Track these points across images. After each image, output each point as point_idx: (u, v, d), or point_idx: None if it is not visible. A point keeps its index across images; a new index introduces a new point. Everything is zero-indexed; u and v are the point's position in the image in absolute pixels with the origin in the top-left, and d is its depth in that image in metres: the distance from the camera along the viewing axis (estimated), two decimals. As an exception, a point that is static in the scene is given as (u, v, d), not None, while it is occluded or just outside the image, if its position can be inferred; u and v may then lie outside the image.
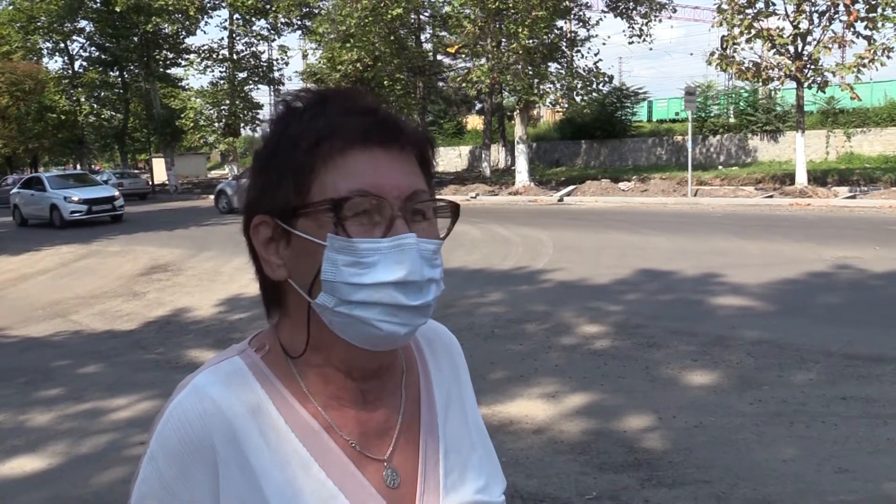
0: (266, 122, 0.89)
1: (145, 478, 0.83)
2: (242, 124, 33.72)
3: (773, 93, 26.16)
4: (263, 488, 0.81)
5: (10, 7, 37.99)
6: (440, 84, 35.71)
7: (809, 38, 16.85)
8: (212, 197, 25.27)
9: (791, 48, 16.92)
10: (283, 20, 33.29)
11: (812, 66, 16.81)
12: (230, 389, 0.84)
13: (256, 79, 35.45)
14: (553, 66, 25.56)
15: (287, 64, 37.93)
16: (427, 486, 0.90)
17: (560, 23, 25.39)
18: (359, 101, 0.86)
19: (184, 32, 35.89)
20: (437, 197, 0.87)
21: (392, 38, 26.40)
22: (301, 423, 0.85)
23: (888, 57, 16.00)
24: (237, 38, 34.06)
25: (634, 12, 25.14)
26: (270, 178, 0.84)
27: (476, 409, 1.04)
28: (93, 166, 50.96)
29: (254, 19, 33.54)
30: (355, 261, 0.79)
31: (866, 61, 16.10)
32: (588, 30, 26.56)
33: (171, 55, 39.46)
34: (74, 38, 40.12)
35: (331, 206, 0.79)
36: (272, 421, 0.84)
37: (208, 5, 33.58)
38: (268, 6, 31.85)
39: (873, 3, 15.82)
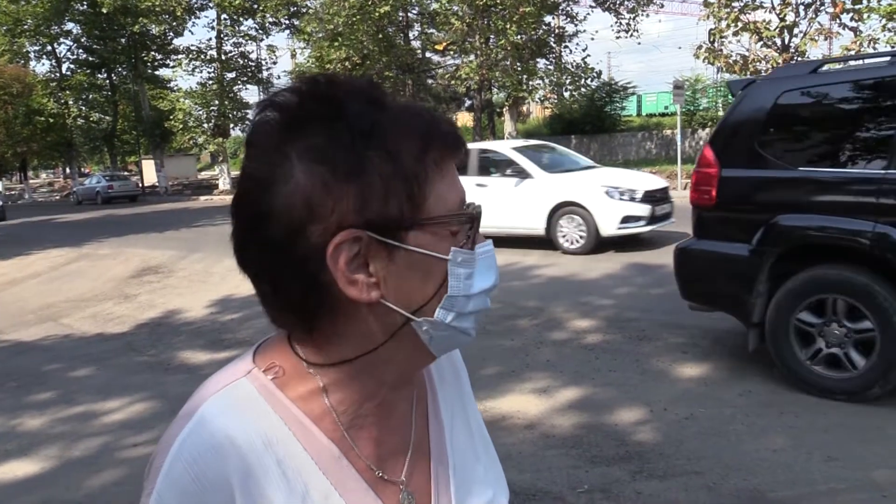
0: (307, 109, 0.74)
1: None
2: (232, 125, 33.61)
3: (761, 85, 26.25)
4: None
5: (-4, 11, 37.74)
6: (429, 81, 35.70)
7: (796, 31, 16.93)
8: (203, 198, 25.21)
9: (778, 40, 17.00)
10: (270, 19, 33.18)
11: (799, 58, 16.87)
12: (242, 418, 0.76)
13: (245, 79, 35.33)
14: (541, 62, 25.61)
15: (276, 63, 37.82)
16: None
17: (548, 18, 25.42)
18: (411, 103, 0.81)
19: (171, 33, 35.78)
20: (470, 202, 0.82)
21: (380, 36, 26.38)
22: (320, 450, 0.79)
23: (874, 48, 16.08)
24: (225, 38, 33.93)
25: (622, 7, 25.21)
26: (369, 189, 0.71)
27: (478, 414, 1.02)
28: (82, 169, 50.76)
29: (241, 19, 33.40)
30: (471, 272, 0.77)
31: (853, 53, 16.17)
32: (576, 25, 26.61)
33: (159, 56, 39.33)
34: (62, 40, 39.99)
35: (468, 219, 0.77)
36: (289, 450, 0.77)
37: (195, 6, 33.44)
38: (255, 6, 31.72)
39: (859, -6, 15.91)
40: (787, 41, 16.98)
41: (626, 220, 10.11)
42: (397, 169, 0.72)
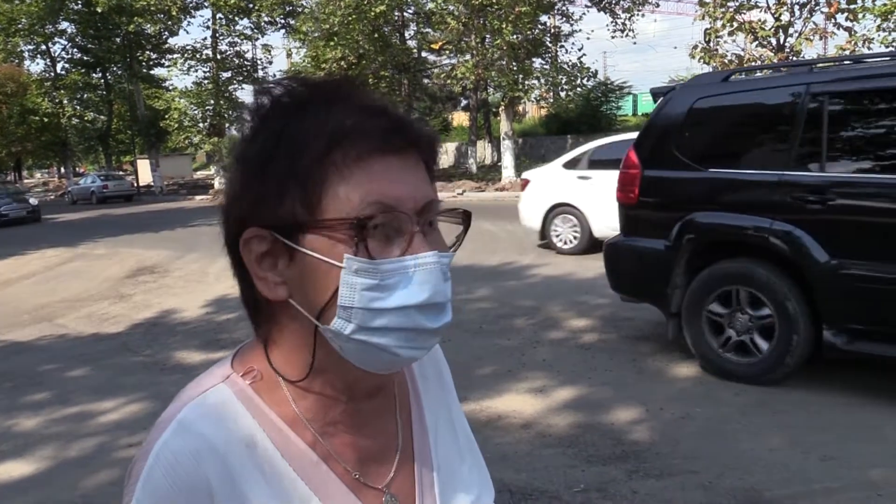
0: (249, 117, 0.77)
1: None
2: (227, 124, 33.54)
3: (756, 85, 26.27)
4: None
5: (-10, 10, 37.62)
6: (425, 81, 35.71)
7: (791, 30, 16.95)
8: (199, 198, 25.20)
9: (773, 40, 17.03)
10: (266, 19, 33.15)
11: (794, 58, 16.90)
12: (220, 423, 0.76)
13: (241, 78, 35.29)
14: (537, 62, 25.61)
15: (271, 63, 37.76)
16: None
17: (544, 18, 25.43)
18: (365, 98, 0.77)
19: (166, 33, 35.72)
20: (451, 207, 0.79)
21: (376, 35, 26.39)
22: (298, 455, 0.79)
23: (869, 48, 16.12)
24: (220, 37, 33.89)
25: (617, 7, 25.22)
26: (268, 187, 0.73)
27: (461, 415, 1.01)
28: (77, 168, 50.64)
29: (237, 18, 33.36)
30: (376, 283, 0.71)
31: (847, 52, 16.21)
32: (572, 25, 26.63)
33: (154, 56, 39.25)
34: (56, 39, 39.87)
35: (353, 226, 0.70)
36: (268, 454, 0.77)
37: (191, 5, 33.39)
38: (251, 5, 31.70)
39: (854, -6, 15.95)
40: (782, 41, 17.00)
41: None
42: (293, 169, 0.72)
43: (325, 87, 0.77)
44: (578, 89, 26.25)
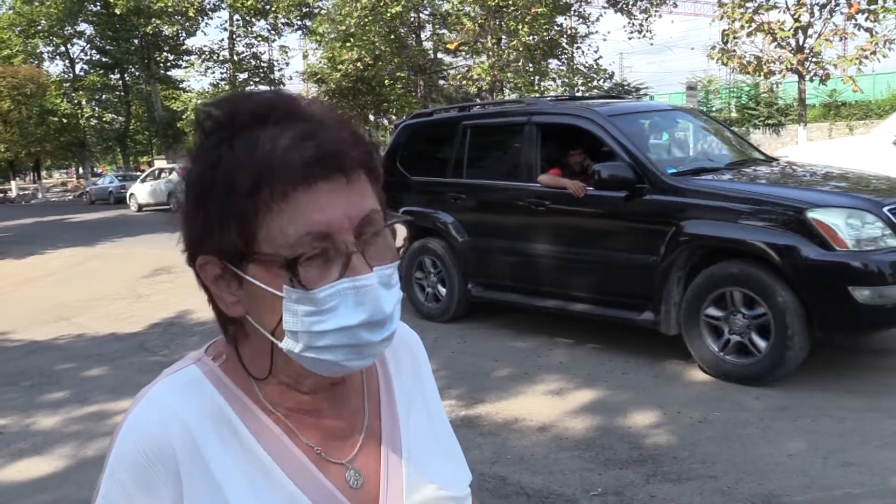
0: (192, 143, 0.82)
1: (106, 494, 0.80)
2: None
3: (774, 86, 26.09)
4: (227, 496, 0.80)
5: (10, 11, 38.05)
6: (441, 82, 35.66)
7: (810, 31, 16.78)
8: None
9: (792, 41, 16.87)
10: (283, 20, 33.29)
11: (814, 59, 16.75)
12: (188, 398, 0.83)
13: (257, 80, 35.44)
14: (553, 63, 25.54)
15: (288, 64, 38.06)
16: (390, 486, 0.90)
17: (560, 19, 25.37)
18: (294, 118, 0.79)
19: (184, 34, 35.97)
20: (393, 216, 0.83)
21: (392, 36, 26.39)
22: (262, 430, 0.84)
23: (890, 49, 15.94)
24: (237, 39, 34.07)
25: (634, 8, 25.11)
26: (210, 220, 0.77)
27: (438, 403, 1.04)
28: (95, 169, 51.06)
29: (254, 20, 33.55)
30: (315, 310, 0.75)
31: (868, 53, 16.04)
32: (588, 26, 26.52)
33: (171, 57, 39.57)
34: (75, 41, 40.29)
35: (284, 264, 0.75)
36: (233, 428, 0.83)
37: (208, 7, 33.62)
38: (267, 7, 31.85)
39: (874, -6, 15.78)
40: (801, 42, 16.85)
41: None
42: (228, 205, 0.75)
43: (258, 109, 0.79)
44: (595, 91, 26.17)
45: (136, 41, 37.39)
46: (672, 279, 5.11)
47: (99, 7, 36.72)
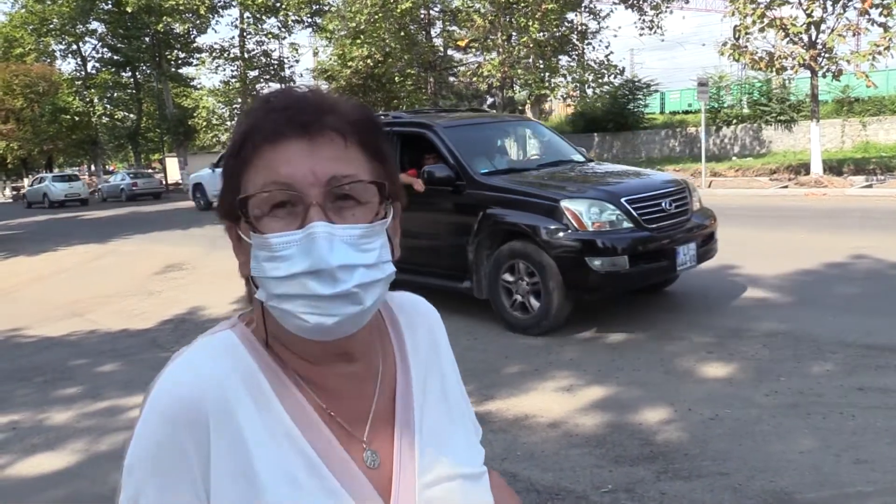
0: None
1: (139, 440, 0.85)
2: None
3: (786, 82, 25.93)
4: (254, 457, 0.83)
5: (23, 10, 38.27)
6: (451, 79, 35.66)
7: (823, 27, 16.68)
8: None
9: (804, 37, 16.77)
10: (293, 18, 33.38)
11: (826, 55, 16.65)
12: (224, 359, 0.87)
13: (268, 77, 35.59)
14: (564, 60, 25.49)
15: (298, 61, 38.11)
16: (403, 467, 0.92)
17: (570, 15, 25.32)
18: (287, 97, 0.87)
19: (195, 32, 36.07)
20: (368, 180, 0.85)
21: (402, 33, 26.40)
22: (289, 397, 0.87)
23: (903, 44, 15.81)
24: (248, 36, 34.19)
25: (645, 4, 25.01)
26: (223, 186, 0.89)
27: (456, 380, 1.07)
28: (107, 166, 51.33)
29: (264, 17, 33.63)
30: (271, 255, 0.81)
31: (881, 49, 15.93)
32: (599, 22, 26.45)
33: (182, 55, 39.66)
34: (87, 39, 40.47)
35: (238, 205, 0.83)
36: (263, 392, 0.86)
37: (219, 4, 33.72)
38: (278, 4, 31.94)
39: (888, -11, 15.65)
40: (813, 37, 16.74)
41: None
42: (227, 166, 0.87)
43: (269, 96, 0.90)
44: (605, 87, 26.09)
45: (147, 39, 37.50)
46: (481, 255, 6.43)
47: (110, 5, 36.84)
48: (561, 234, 5.92)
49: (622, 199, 6.03)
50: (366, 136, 0.87)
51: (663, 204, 6.18)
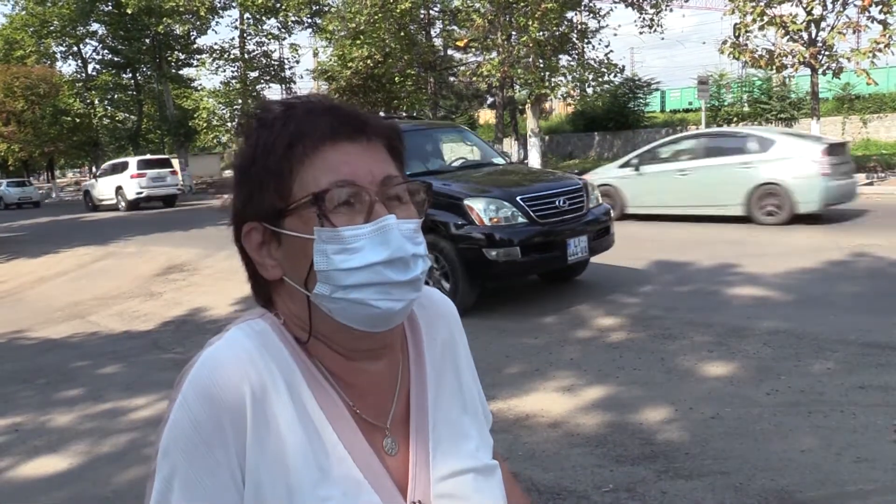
0: (240, 138, 0.94)
1: (176, 421, 0.85)
2: (255, 123, 33.76)
3: (787, 80, 25.92)
4: (286, 442, 0.86)
5: (24, 12, 38.29)
6: (451, 79, 35.69)
7: (823, 24, 16.68)
8: (226, 197, 25.37)
9: (805, 34, 16.76)
10: (293, 18, 33.38)
11: (826, 53, 16.64)
12: (261, 344, 0.90)
13: (268, 78, 35.59)
14: (564, 59, 25.47)
15: (298, 62, 38.14)
16: (418, 458, 0.95)
17: (570, 14, 25.26)
18: (322, 103, 0.92)
19: (195, 33, 36.08)
20: (410, 179, 0.93)
21: (402, 33, 26.40)
22: (319, 387, 0.91)
23: (903, 41, 15.80)
24: (248, 37, 34.19)
25: (645, 2, 24.96)
26: (253, 186, 0.90)
27: (471, 374, 1.10)
28: (108, 168, 51.27)
29: (264, 18, 33.63)
30: (343, 248, 0.84)
31: (882, 46, 15.93)
32: (599, 21, 26.38)
33: (182, 56, 39.68)
34: (87, 41, 40.49)
35: (313, 200, 0.85)
36: (296, 380, 0.89)
37: (219, 5, 33.70)
38: (278, 5, 31.92)
39: (888, -14, 15.64)
40: (814, 35, 16.73)
41: None
42: (268, 168, 0.88)
43: (292, 101, 0.93)
44: (606, 86, 26.07)
45: (147, 41, 37.51)
46: None
47: (111, 7, 36.86)
48: (463, 228, 6.78)
49: (517, 198, 6.86)
50: (396, 143, 0.95)
51: (557, 202, 7.02)
